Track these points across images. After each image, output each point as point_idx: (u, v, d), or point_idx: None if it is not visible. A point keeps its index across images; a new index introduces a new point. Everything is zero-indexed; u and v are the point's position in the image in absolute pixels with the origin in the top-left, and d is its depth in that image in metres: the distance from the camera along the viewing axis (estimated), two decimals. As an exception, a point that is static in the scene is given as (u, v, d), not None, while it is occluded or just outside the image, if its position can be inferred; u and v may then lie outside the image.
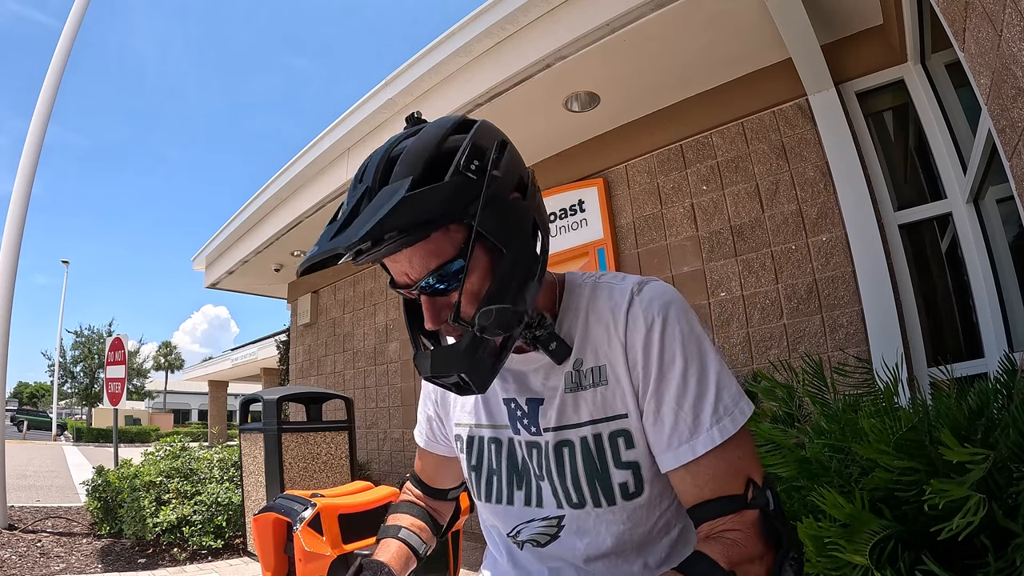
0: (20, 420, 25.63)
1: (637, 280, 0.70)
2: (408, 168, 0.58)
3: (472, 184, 0.58)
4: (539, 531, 0.73)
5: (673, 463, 0.63)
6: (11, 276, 4.46)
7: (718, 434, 0.61)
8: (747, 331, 2.84)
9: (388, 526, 0.86)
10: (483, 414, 0.78)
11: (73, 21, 4.98)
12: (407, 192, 0.55)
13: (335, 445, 3.70)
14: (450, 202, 0.56)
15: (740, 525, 0.59)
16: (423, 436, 0.92)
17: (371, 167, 0.61)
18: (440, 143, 0.60)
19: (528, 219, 0.64)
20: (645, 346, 0.65)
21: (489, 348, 0.61)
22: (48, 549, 3.72)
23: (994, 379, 1.33)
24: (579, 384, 0.69)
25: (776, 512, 0.61)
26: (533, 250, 0.64)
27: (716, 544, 0.58)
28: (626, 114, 3.37)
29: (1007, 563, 0.89)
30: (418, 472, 0.95)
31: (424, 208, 0.55)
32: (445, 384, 0.64)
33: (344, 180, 4.14)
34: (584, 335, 0.70)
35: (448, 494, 0.94)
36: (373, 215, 0.54)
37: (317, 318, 6.42)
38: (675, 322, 0.65)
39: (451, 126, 0.62)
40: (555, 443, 0.70)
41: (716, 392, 0.63)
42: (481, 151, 0.60)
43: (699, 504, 0.62)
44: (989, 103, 1.14)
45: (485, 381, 0.62)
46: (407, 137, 0.63)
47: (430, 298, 0.63)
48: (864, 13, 2.53)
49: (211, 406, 21.29)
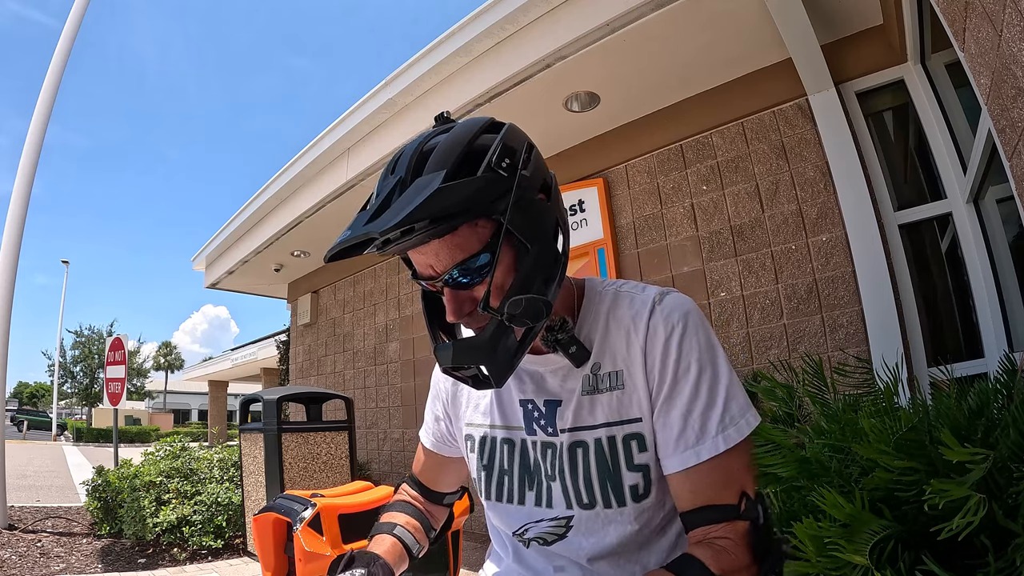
0: (20, 420, 25.65)
1: (658, 290, 0.72)
2: (442, 161, 0.59)
3: (502, 181, 0.60)
4: (547, 530, 0.74)
5: (676, 467, 0.65)
6: (11, 276, 4.46)
7: (722, 442, 0.64)
8: (747, 331, 2.84)
9: (382, 523, 0.86)
10: (497, 415, 0.79)
11: (73, 21, 4.98)
12: (442, 184, 0.56)
13: (335, 445, 3.70)
14: (481, 196, 0.58)
15: (730, 534, 0.62)
16: (430, 437, 0.92)
17: (404, 159, 0.62)
18: (473, 140, 0.61)
19: (552, 220, 0.66)
20: (663, 352, 0.67)
21: (511, 341, 0.62)
22: (48, 549, 3.72)
23: (994, 379, 1.33)
24: (596, 387, 0.71)
25: (766, 525, 0.64)
26: (555, 250, 0.66)
27: (707, 549, 0.60)
28: (626, 114, 3.37)
29: (1007, 563, 0.89)
30: (417, 473, 0.95)
31: (457, 200, 0.56)
32: (463, 377, 0.66)
33: (344, 180, 4.14)
34: (603, 340, 0.72)
35: (445, 498, 0.95)
36: (408, 203, 0.56)
37: (317, 318, 6.42)
38: (693, 332, 0.67)
39: (482, 125, 0.64)
40: (569, 444, 0.71)
41: (725, 402, 0.65)
42: (512, 151, 0.62)
43: (693, 510, 0.64)
44: (989, 103, 1.14)
45: (503, 375, 0.63)
46: (439, 133, 0.64)
47: (453, 291, 0.64)
48: (864, 13, 2.53)
49: (211, 406, 21.29)
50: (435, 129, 0.66)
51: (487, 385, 0.64)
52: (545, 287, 0.63)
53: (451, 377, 0.71)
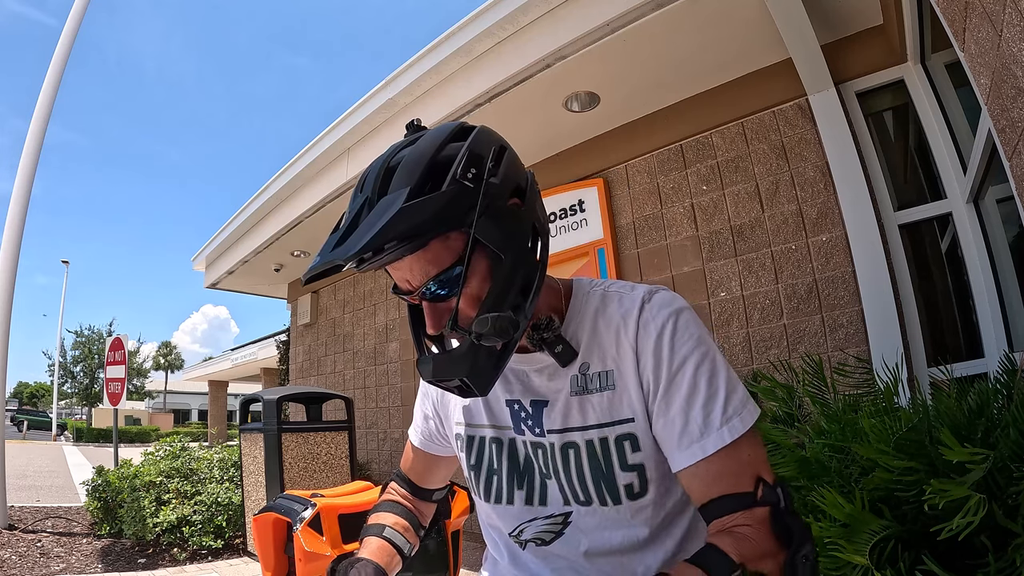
0: (20, 420, 25.66)
1: (647, 289, 0.72)
2: (405, 178, 0.59)
3: (469, 192, 0.59)
4: (543, 529, 0.73)
5: (684, 462, 0.64)
6: (11, 276, 4.46)
7: (728, 433, 0.63)
8: (747, 331, 2.84)
9: (371, 525, 0.86)
10: (484, 415, 0.79)
11: (73, 20, 4.98)
12: (404, 202, 0.56)
13: (335, 445, 3.70)
14: (447, 211, 0.57)
15: (751, 521, 0.60)
16: (419, 435, 0.93)
17: (370, 177, 0.63)
18: (437, 151, 0.61)
19: (527, 225, 0.65)
20: (656, 350, 0.66)
21: (490, 352, 0.62)
22: (48, 549, 3.72)
23: (994, 379, 1.33)
24: (585, 388, 0.70)
25: (788, 510, 0.62)
26: (532, 255, 0.65)
27: (727, 537, 0.59)
28: (626, 114, 3.37)
29: (1007, 563, 0.89)
30: (406, 470, 0.95)
31: (421, 218, 0.56)
32: (448, 387, 0.65)
33: (344, 180, 4.14)
34: (592, 340, 0.71)
35: (433, 495, 0.95)
36: (371, 226, 0.56)
37: (317, 318, 6.42)
38: (685, 328, 0.67)
39: (449, 134, 0.63)
40: (560, 445, 0.71)
41: (726, 394, 0.64)
42: (478, 159, 0.61)
43: (709, 501, 0.63)
44: (989, 103, 1.14)
45: (486, 385, 0.63)
46: (406, 146, 0.64)
47: (431, 303, 0.64)
48: (864, 13, 2.53)
49: (211, 406, 21.28)
50: (403, 141, 0.65)
51: (472, 394, 0.64)
52: (522, 296, 0.63)
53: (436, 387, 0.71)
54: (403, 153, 0.62)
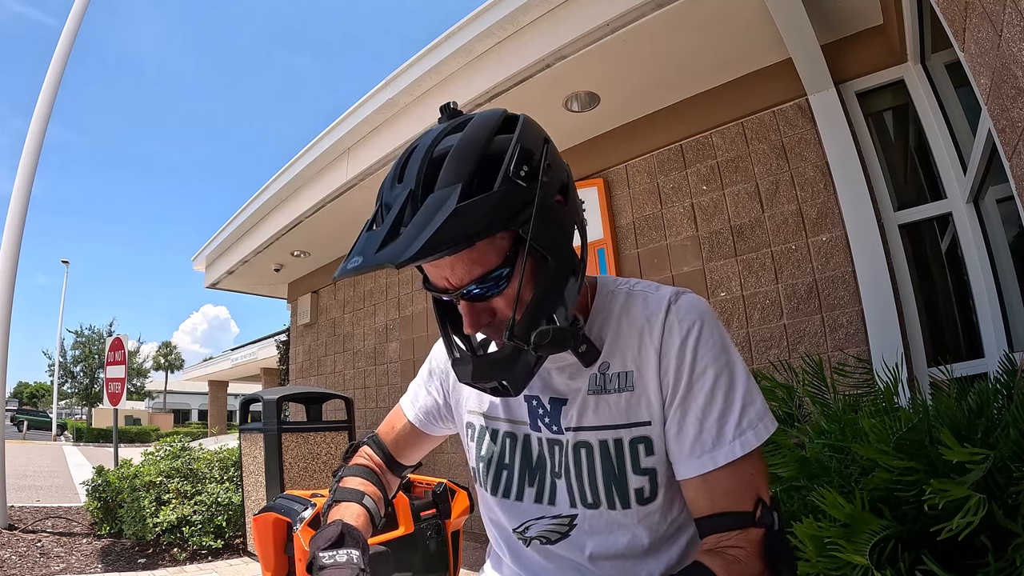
0: (20, 420, 25.64)
1: (673, 290, 0.70)
2: (456, 173, 0.55)
3: (522, 192, 0.56)
4: (549, 528, 0.72)
5: (692, 472, 0.64)
6: (11, 276, 4.46)
7: (739, 447, 0.62)
8: (747, 331, 2.84)
9: (351, 489, 0.81)
10: (500, 408, 0.77)
11: (73, 20, 4.98)
12: (459, 203, 0.53)
13: (335, 445, 3.70)
14: (500, 212, 0.55)
15: (744, 543, 0.61)
16: (415, 410, 0.90)
17: (412, 166, 0.58)
18: (487, 144, 0.57)
19: (570, 224, 0.64)
20: (679, 354, 0.65)
21: (528, 358, 0.61)
22: (48, 549, 3.72)
23: (994, 379, 1.33)
24: (603, 387, 0.69)
25: (779, 533, 0.63)
26: (574, 255, 0.64)
27: (718, 559, 0.59)
28: (626, 114, 3.37)
29: (1007, 563, 0.89)
30: (386, 440, 0.91)
31: (474, 219, 0.53)
32: (483, 388, 0.65)
33: (344, 180, 4.14)
34: (614, 339, 0.70)
35: (405, 471, 0.92)
36: (423, 228, 0.52)
37: (317, 318, 6.42)
38: (709, 334, 0.66)
39: (496, 123, 0.60)
40: (574, 443, 0.70)
41: (743, 407, 0.64)
42: (529, 155, 0.58)
43: (709, 516, 0.63)
44: (989, 103, 1.14)
45: (522, 386, 0.62)
46: (449, 132, 0.60)
47: (470, 303, 0.62)
48: (864, 13, 2.53)
49: (211, 406, 21.31)
50: (443, 127, 0.61)
51: (507, 393, 0.63)
52: (567, 297, 0.61)
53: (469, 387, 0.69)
54: (448, 142, 0.58)
